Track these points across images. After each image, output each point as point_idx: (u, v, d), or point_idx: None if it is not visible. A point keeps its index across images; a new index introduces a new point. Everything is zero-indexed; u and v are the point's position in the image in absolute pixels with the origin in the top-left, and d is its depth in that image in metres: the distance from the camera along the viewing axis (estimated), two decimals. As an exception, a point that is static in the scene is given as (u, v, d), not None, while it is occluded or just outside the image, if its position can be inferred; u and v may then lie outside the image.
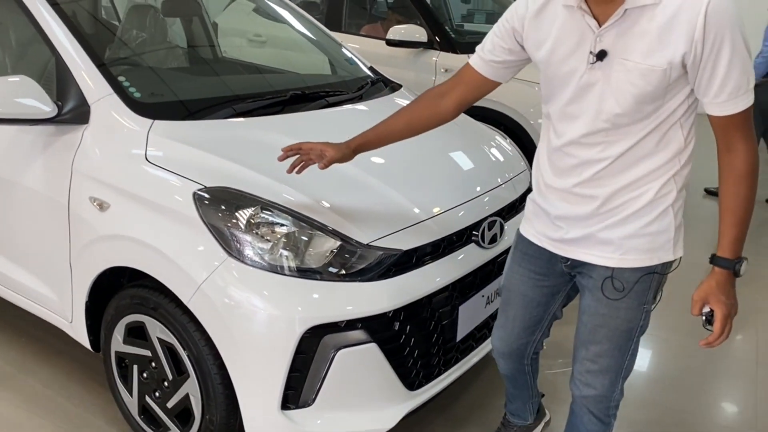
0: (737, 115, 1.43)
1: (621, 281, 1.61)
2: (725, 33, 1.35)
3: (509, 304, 1.90)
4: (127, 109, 2.09)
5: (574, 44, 1.49)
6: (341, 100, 2.61)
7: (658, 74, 1.41)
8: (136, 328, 2.08)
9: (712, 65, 1.37)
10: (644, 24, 1.39)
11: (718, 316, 1.53)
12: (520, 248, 1.84)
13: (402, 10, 4.95)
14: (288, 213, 1.88)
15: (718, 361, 3.09)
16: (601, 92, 1.48)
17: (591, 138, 1.53)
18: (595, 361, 1.72)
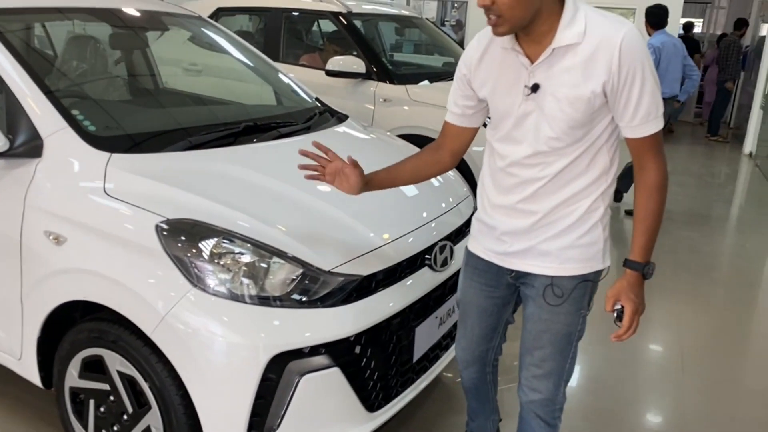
0: (649, 137, 1.64)
1: (560, 288, 1.79)
2: (636, 66, 1.57)
3: (467, 316, 2.05)
4: (82, 143, 2.09)
5: (512, 80, 1.69)
6: (292, 131, 2.67)
7: (583, 102, 1.61)
8: (93, 362, 2.06)
9: (627, 93, 1.59)
10: (569, 60, 1.60)
11: (628, 312, 1.73)
12: (470, 264, 1.98)
13: (339, 41, 5.07)
14: (249, 242, 1.92)
15: (648, 369, 3.30)
16: (536, 120, 1.67)
17: (531, 159, 1.71)
18: (539, 365, 1.88)
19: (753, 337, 3.81)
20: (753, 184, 7.74)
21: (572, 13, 1.59)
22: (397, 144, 3.15)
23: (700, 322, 3.87)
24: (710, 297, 4.29)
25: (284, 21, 5.22)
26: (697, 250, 5.12)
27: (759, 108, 8.90)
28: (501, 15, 1.56)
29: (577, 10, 1.60)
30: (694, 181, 7.67)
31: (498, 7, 1.55)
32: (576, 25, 1.58)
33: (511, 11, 1.55)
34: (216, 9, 5.36)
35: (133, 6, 3.03)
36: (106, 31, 3.05)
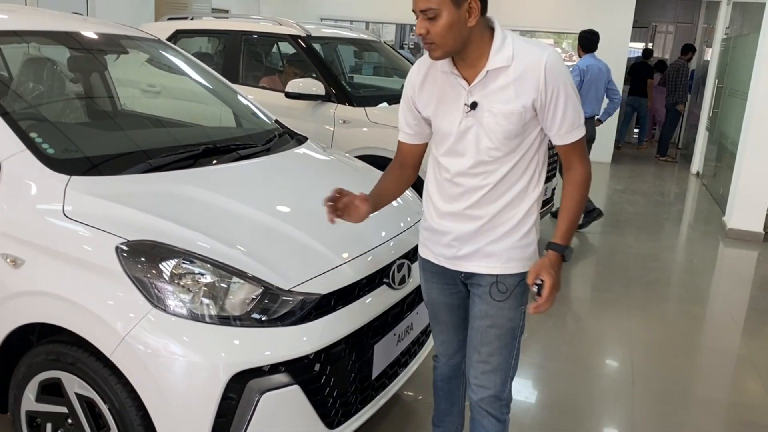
0: (574, 143, 1.90)
1: (505, 285, 1.99)
2: (560, 84, 1.82)
3: (438, 314, 2.21)
4: (41, 166, 2.10)
5: (452, 100, 1.92)
6: (252, 153, 2.71)
7: (516, 116, 1.84)
8: (51, 384, 2.05)
9: (553, 107, 1.84)
10: (502, 80, 1.84)
11: (547, 285, 1.86)
12: (426, 269, 2.15)
13: (299, 64, 5.13)
14: (209, 262, 1.95)
15: (600, 383, 3.40)
16: (476, 133, 1.89)
17: (475, 169, 1.92)
18: (487, 361, 2.03)
19: (701, 350, 3.96)
20: (700, 202, 8.03)
21: (501, 41, 1.84)
22: (356, 165, 3.21)
23: (649, 336, 4.00)
24: (660, 311, 4.44)
25: (243, 44, 5.26)
26: (647, 267, 5.29)
27: (705, 129, 9.26)
28: (434, 42, 1.81)
29: (504, 38, 1.85)
30: (644, 200, 7.92)
31: (432, 36, 1.80)
32: (505, 50, 1.83)
33: (442, 39, 1.79)
34: (175, 31, 5.37)
35: (92, 29, 3.05)
36: (65, 53, 3.05)
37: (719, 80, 8.62)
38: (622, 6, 9.61)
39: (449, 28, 1.78)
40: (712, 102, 8.79)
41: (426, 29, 1.79)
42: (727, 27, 8.96)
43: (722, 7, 9.22)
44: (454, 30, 1.78)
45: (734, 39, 8.21)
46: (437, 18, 1.77)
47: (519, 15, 9.80)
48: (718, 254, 6.03)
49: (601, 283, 4.99)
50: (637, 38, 12.78)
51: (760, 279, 5.40)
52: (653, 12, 12.20)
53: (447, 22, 1.77)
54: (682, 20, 12.85)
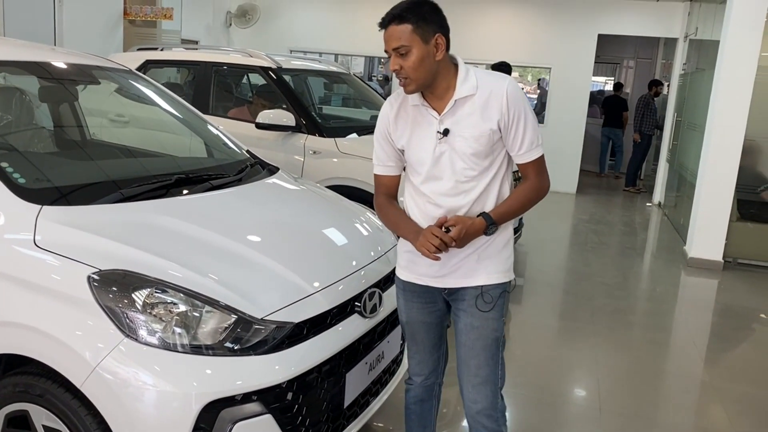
0: (534, 161, 2.12)
1: (490, 295, 2.15)
2: (519, 108, 2.05)
3: (415, 334, 2.31)
4: (12, 195, 2.09)
5: (425, 130, 2.11)
6: (224, 183, 2.73)
7: (485, 137, 2.05)
8: (18, 417, 2.02)
9: (515, 129, 2.06)
10: (468, 108, 2.06)
11: (457, 228, 2.01)
12: (407, 289, 2.27)
13: (268, 95, 5.18)
14: (182, 292, 1.96)
15: (568, 409, 3.45)
16: (450, 157, 2.08)
17: (454, 190, 2.10)
18: (477, 374, 2.17)
19: (665, 376, 4.04)
20: (662, 231, 8.23)
21: (465, 73, 2.07)
22: (327, 195, 3.24)
23: (615, 363, 4.08)
24: (625, 339, 4.53)
25: (214, 75, 5.29)
26: (612, 295, 5.40)
27: (665, 161, 9.53)
28: (408, 77, 2.01)
29: (468, 70, 2.08)
30: (609, 229, 8.09)
31: (405, 71, 2.00)
32: (470, 81, 2.05)
33: (415, 73, 2.00)
34: (144, 61, 5.39)
35: (63, 59, 3.06)
36: (35, 83, 3.05)
37: (678, 114, 8.92)
38: (585, 42, 9.92)
39: (420, 62, 1.99)
40: (671, 135, 9.08)
41: (399, 65, 2.00)
42: (684, 63, 9.30)
43: (679, 44, 9.59)
44: (424, 64, 1.99)
45: (691, 74, 8.52)
46: (408, 54, 1.98)
47: (486, 50, 10.03)
48: (680, 282, 6.18)
49: (567, 311, 5.07)
50: (598, 73, 13.15)
51: (720, 306, 5.55)
52: (615, 48, 12.60)
53: (418, 57, 1.98)
54: (642, 56, 13.28)
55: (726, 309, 5.48)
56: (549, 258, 6.54)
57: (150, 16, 7.76)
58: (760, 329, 5.10)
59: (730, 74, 6.11)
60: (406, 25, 1.97)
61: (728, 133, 6.18)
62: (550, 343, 4.42)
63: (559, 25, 9.97)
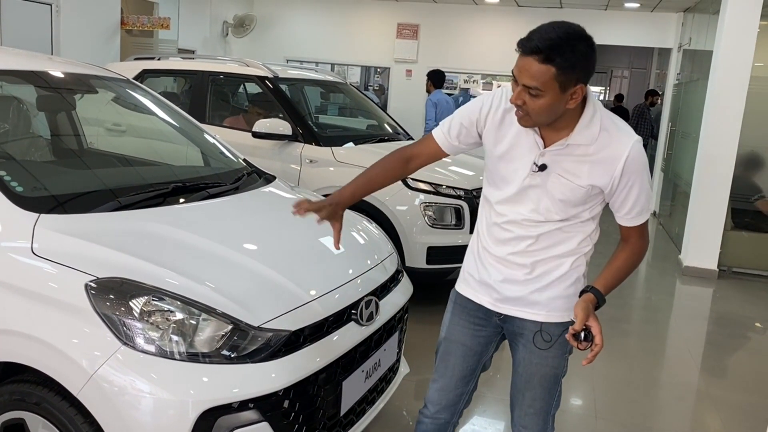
0: (640, 226, 1.93)
1: (549, 333, 1.99)
2: (637, 176, 1.82)
3: (449, 354, 2.14)
4: (9, 203, 2.09)
5: (524, 152, 1.89)
6: (221, 191, 2.74)
7: (583, 191, 1.85)
8: (14, 426, 2.02)
9: (626, 195, 1.85)
10: (578, 155, 1.83)
11: (597, 329, 1.79)
12: (459, 303, 2.12)
13: (265, 104, 5.20)
14: (179, 299, 1.96)
15: (564, 417, 3.45)
16: (539, 193, 1.89)
17: (528, 222, 1.92)
18: (531, 405, 2.07)
19: (661, 385, 4.05)
20: (658, 240, 8.26)
21: (590, 117, 1.81)
22: (323, 204, 3.25)
23: (611, 371, 4.08)
24: (621, 347, 4.54)
25: (211, 84, 5.31)
26: (608, 303, 5.39)
27: (660, 170, 9.57)
28: (528, 114, 1.77)
29: (594, 114, 1.81)
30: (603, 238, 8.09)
31: (528, 109, 1.75)
32: (592, 128, 1.80)
33: (538, 116, 1.77)
34: (142, 71, 5.41)
35: (61, 69, 3.07)
36: (33, 93, 3.06)
37: (672, 123, 8.97)
38: (579, 52, 9.95)
39: (548, 108, 1.73)
40: (666, 144, 9.13)
41: (524, 101, 1.74)
42: (678, 73, 9.37)
43: (673, 54, 9.66)
44: (551, 110, 1.74)
45: (685, 84, 8.58)
46: (539, 97, 1.71)
47: (482, 60, 10.10)
48: (676, 291, 6.20)
49: (564, 319, 5.07)
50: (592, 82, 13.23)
51: (715, 315, 5.57)
52: (609, 58, 12.68)
53: (548, 102, 1.72)
54: (636, 66, 13.37)
55: (721, 317, 5.50)
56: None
57: (147, 25, 7.79)
58: (755, 337, 5.12)
59: (724, 84, 6.16)
60: (548, 67, 1.67)
61: (722, 142, 6.23)
62: (546, 351, 4.42)
63: (554, 35, 10.02)
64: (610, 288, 1.92)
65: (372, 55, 10.77)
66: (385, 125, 5.90)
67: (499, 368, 3.84)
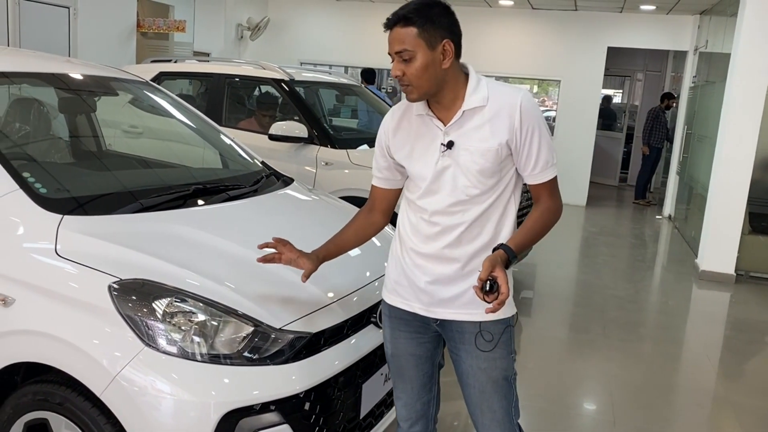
0: (547, 182, 1.93)
1: (490, 333, 1.94)
2: (534, 124, 1.86)
3: (403, 369, 2.10)
4: (34, 205, 2.11)
5: (428, 141, 1.94)
6: (240, 193, 2.75)
7: (493, 153, 1.86)
8: (37, 425, 2.03)
9: (528, 147, 1.87)
10: (477, 120, 1.88)
11: (504, 280, 1.71)
12: (394, 316, 2.07)
13: (281, 107, 5.22)
14: (201, 301, 1.97)
15: (582, 422, 3.43)
16: (453, 172, 1.90)
17: (452, 207, 1.91)
18: (492, 417, 2.00)
19: (679, 390, 4.01)
20: (673, 244, 8.20)
21: (476, 83, 1.89)
22: (341, 206, 3.25)
23: (629, 376, 4.05)
24: (638, 352, 4.51)
25: (227, 87, 5.34)
26: (624, 308, 5.38)
27: (675, 174, 9.51)
28: (410, 84, 1.84)
29: (479, 80, 1.90)
30: (620, 241, 8.07)
31: (408, 78, 1.84)
32: (480, 91, 1.88)
33: (418, 81, 1.83)
34: (158, 73, 5.44)
35: (81, 71, 3.09)
36: (53, 95, 3.09)
37: (688, 126, 8.91)
38: (594, 55, 9.94)
39: (424, 69, 1.81)
40: (681, 147, 9.06)
41: (402, 71, 1.83)
42: (694, 75, 9.30)
43: (689, 57, 9.59)
44: (429, 71, 1.82)
45: (701, 87, 8.52)
46: (412, 60, 1.81)
47: (496, 62, 10.07)
48: (692, 295, 6.15)
49: (579, 324, 5.05)
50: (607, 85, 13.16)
51: (733, 320, 5.51)
52: (624, 61, 12.60)
53: (422, 63, 1.81)
54: (651, 69, 13.28)
55: (739, 322, 5.45)
56: (559, 271, 6.52)
57: (163, 28, 7.84)
58: (773, 343, 5.07)
59: (742, 87, 6.11)
60: (411, 28, 1.79)
61: (740, 145, 6.18)
62: (563, 355, 4.40)
63: (568, 37, 10.00)
64: (521, 245, 1.87)
65: (385, 58, 10.67)
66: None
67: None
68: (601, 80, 10.14)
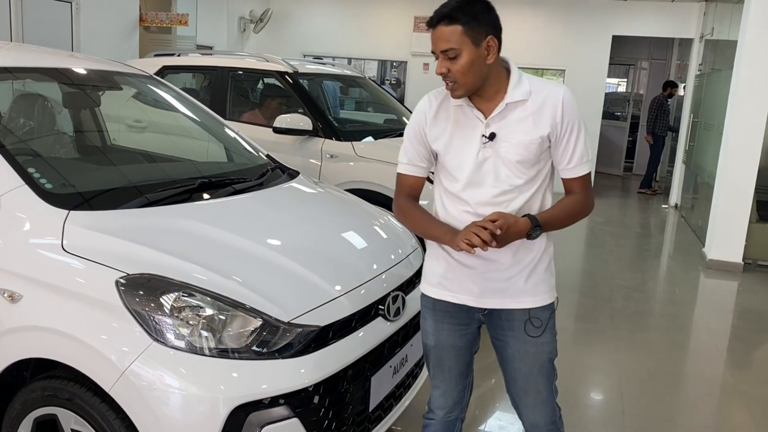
0: (581, 177, 1.99)
1: (539, 319, 2.01)
2: (574, 120, 1.92)
3: (443, 360, 2.13)
4: (39, 200, 2.10)
5: (468, 132, 1.96)
6: (246, 187, 2.74)
7: (536, 145, 1.92)
8: (46, 421, 2.03)
9: (566, 141, 1.93)
10: (519, 113, 1.92)
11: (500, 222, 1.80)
12: (439, 309, 2.08)
13: (285, 99, 5.19)
14: (209, 295, 1.96)
15: (591, 412, 3.43)
16: (494, 163, 1.94)
17: (498, 198, 1.94)
18: (537, 398, 2.08)
19: (688, 379, 4.00)
20: (680, 233, 8.17)
21: (518, 77, 1.94)
22: (347, 198, 3.24)
23: (637, 366, 4.04)
24: (646, 341, 4.49)
25: (230, 80, 5.31)
26: (632, 297, 5.36)
27: (681, 162, 9.46)
28: (456, 81, 1.87)
29: (521, 75, 1.95)
30: (626, 231, 8.04)
31: (453, 75, 1.86)
32: (523, 86, 1.92)
33: (463, 78, 1.86)
34: (162, 67, 5.42)
35: (84, 66, 3.08)
36: (57, 90, 3.07)
37: (694, 115, 8.85)
38: (599, 43, 9.89)
39: (470, 66, 1.84)
40: (687, 136, 9.01)
41: (447, 68, 1.85)
42: (700, 64, 9.23)
43: (695, 45, 9.52)
44: (474, 68, 1.85)
45: (707, 75, 8.46)
46: (457, 57, 1.84)
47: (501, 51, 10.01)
48: (700, 285, 6.13)
49: (587, 314, 5.04)
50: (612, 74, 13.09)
51: (741, 309, 5.49)
52: (629, 49, 12.53)
53: (467, 60, 1.84)
54: (656, 57, 13.20)
55: (747, 311, 5.42)
56: (566, 261, 6.49)
57: (165, 22, 7.82)
58: (782, 331, 5.05)
59: (749, 74, 6.06)
60: (455, 26, 1.82)
61: (747, 133, 6.13)
62: (571, 345, 4.39)
63: (572, 26, 9.95)
64: (549, 221, 1.93)
65: (389, 49, 10.73)
66: (404, 119, 5.87)
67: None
68: (606, 69, 10.09)
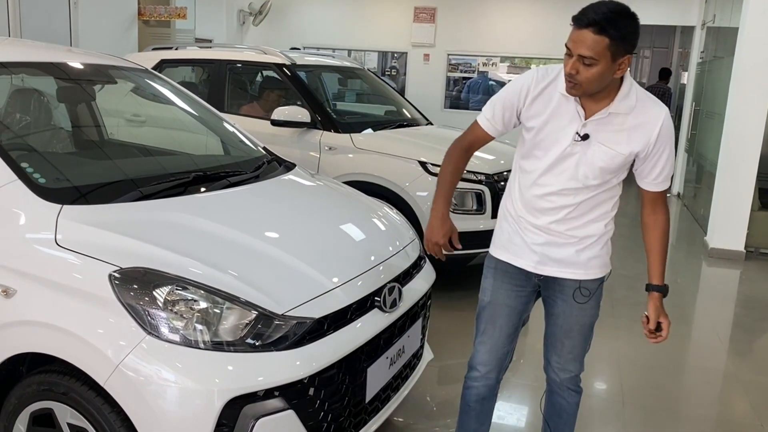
0: (663, 191, 2.15)
1: (587, 289, 2.22)
2: (667, 142, 2.04)
3: (496, 317, 2.30)
4: (33, 195, 2.10)
5: (565, 123, 2.05)
6: (241, 180, 2.73)
7: (622, 158, 2.04)
8: (43, 415, 2.03)
9: (656, 160, 2.06)
10: (618, 124, 2.02)
11: (666, 325, 2.17)
12: (499, 268, 2.28)
13: (283, 92, 5.18)
14: (202, 288, 1.96)
15: (591, 402, 3.42)
16: (577, 161, 2.05)
17: (565, 190, 2.10)
18: (571, 351, 2.31)
19: (689, 368, 3.99)
20: (682, 222, 8.14)
21: (628, 89, 2.01)
22: (344, 191, 3.23)
23: (638, 356, 4.03)
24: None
25: (229, 72, 5.30)
26: (633, 287, 5.34)
27: (683, 151, 9.42)
28: (580, 84, 1.94)
29: (631, 86, 2.02)
30: (629, 221, 7.99)
31: (579, 78, 1.93)
32: (630, 99, 2.01)
33: (589, 84, 1.94)
34: (160, 61, 5.41)
35: (80, 60, 3.07)
36: (53, 84, 3.07)
37: (696, 103, 8.80)
38: (599, 32, 9.80)
39: (599, 76, 1.91)
40: (689, 124, 8.96)
41: (577, 70, 1.91)
42: (701, 51, 9.18)
43: (696, 32, 9.46)
44: (602, 79, 1.93)
45: (709, 63, 8.40)
46: (592, 66, 1.89)
47: (503, 42, 9.98)
48: (702, 273, 6.11)
49: (588, 304, 5.02)
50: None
51: (743, 297, 5.47)
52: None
53: (600, 71, 1.90)
54: (658, 45, 13.13)
55: (749, 300, 5.41)
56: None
57: (164, 16, 7.80)
58: (784, 320, 5.03)
59: (750, 61, 6.02)
60: (603, 38, 1.86)
61: (749, 121, 6.09)
62: (571, 336, 4.38)
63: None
64: (662, 274, 2.17)
65: (389, 40, 10.70)
66: (404, 110, 5.86)
67: (523, 353, 3.82)
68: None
